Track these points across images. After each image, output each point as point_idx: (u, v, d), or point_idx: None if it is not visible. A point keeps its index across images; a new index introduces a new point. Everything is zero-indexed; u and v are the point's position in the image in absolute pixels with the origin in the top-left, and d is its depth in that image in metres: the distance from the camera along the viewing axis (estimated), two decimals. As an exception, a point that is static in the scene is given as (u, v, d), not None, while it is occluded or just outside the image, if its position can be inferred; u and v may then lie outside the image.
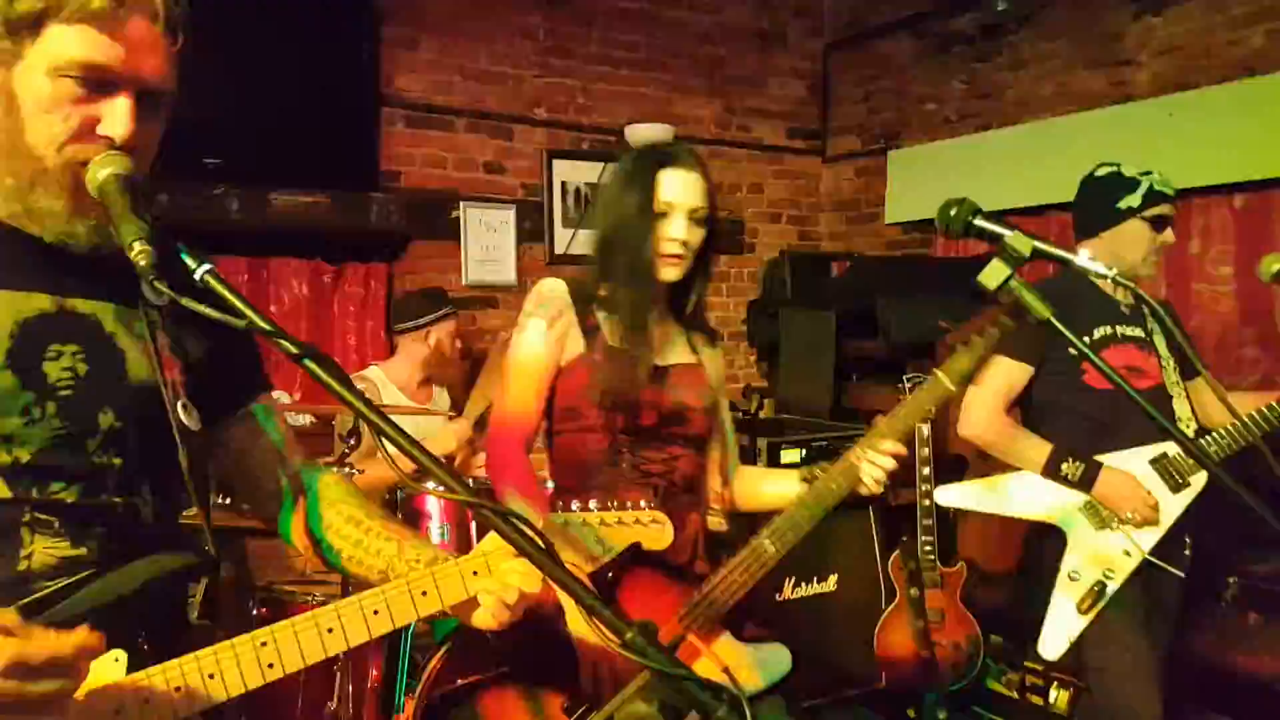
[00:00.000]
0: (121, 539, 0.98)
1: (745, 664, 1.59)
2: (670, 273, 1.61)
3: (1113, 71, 3.70)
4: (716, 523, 1.76)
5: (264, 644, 0.94)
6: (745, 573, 1.55)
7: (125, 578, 0.95)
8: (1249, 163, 3.18)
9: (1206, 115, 3.30)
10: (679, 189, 1.59)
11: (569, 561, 1.10)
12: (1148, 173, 2.14)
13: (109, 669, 0.89)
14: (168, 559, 0.99)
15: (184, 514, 1.07)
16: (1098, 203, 2.17)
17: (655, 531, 1.17)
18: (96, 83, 0.94)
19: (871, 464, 1.56)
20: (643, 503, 1.20)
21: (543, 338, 1.61)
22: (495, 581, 1.03)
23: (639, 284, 1.59)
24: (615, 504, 1.19)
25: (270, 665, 0.93)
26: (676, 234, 1.58)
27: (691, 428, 1.67)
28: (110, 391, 0.99)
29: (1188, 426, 2.13)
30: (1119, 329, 2.14)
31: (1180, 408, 2.14)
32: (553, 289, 1.64)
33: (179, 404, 1.02)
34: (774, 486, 1.76)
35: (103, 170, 0.92)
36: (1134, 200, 2.11)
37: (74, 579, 0.94)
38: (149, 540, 1.00)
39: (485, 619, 1.04)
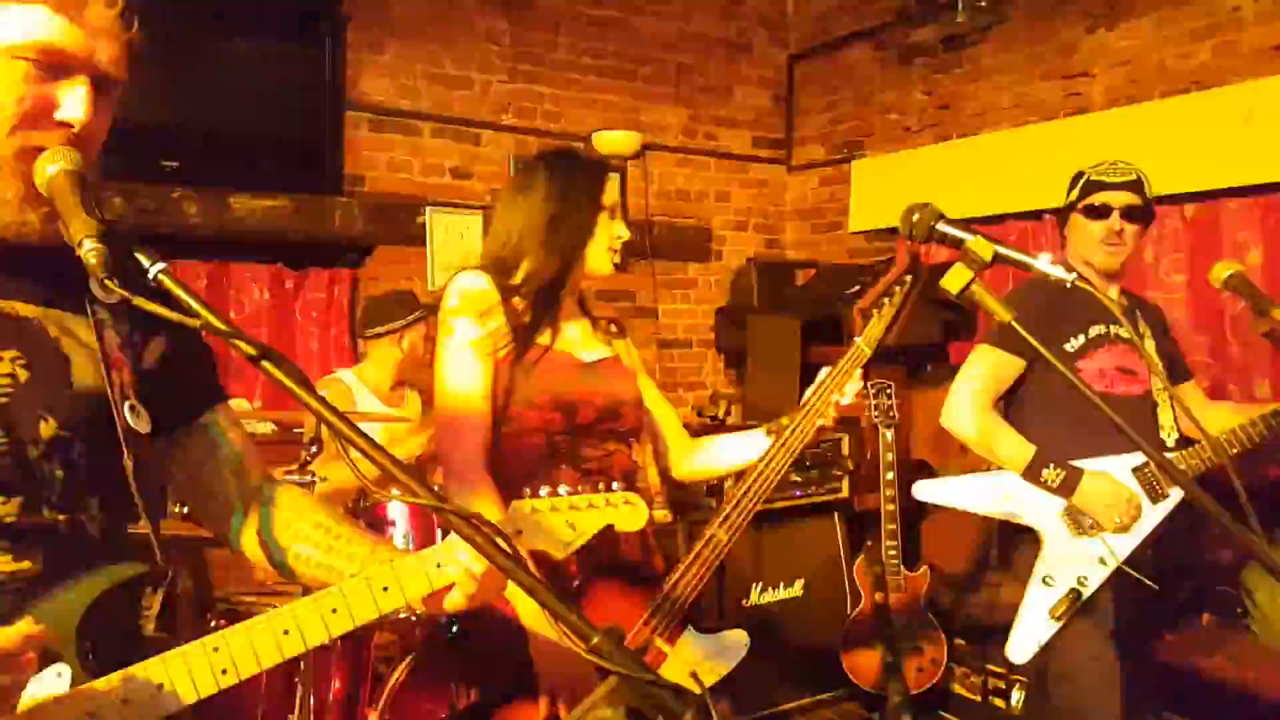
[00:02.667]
0: (67, 553, 0.94)
1: (709, 656, 1.60)
2: (610, 267, 1.71)
3: (1068, 84, 3.79)
4: (662, 515, 1.78)
5: (216, 649, 0.90)
6: (702, 565, 1.57)
7: (71, 589, 0.92)
8: (1199, 173, 3.27)
9: (1158, 127, 3.38)
10: (616, 192, 1.71)
11: (541, 549, 1.09)
12: (1100, 164, 2.17)
13: (52, 683, 0.86)
14: (117, 569, 0.95)
15: (133, 526, 1.04)
16: (1063, 206, 2.23)
17: (628, 512, 1.15)
18: (53, 66, 0.92)
19: (830, 404, 1.64)
20: (615, 485, 1.17)
21: (479, 337, 1.58)
22: (460, 574, 1.00)
23: (570, 271, 1.66)
24: (585, 488, 1.17)
25: (224, 671, 0.90)
26: (622, 233, 1.71)
27: (625, 422, 1.69)
28: (52, 399, 0.95)
29: (1170, 435, 2.12)
30: (1113, 329, 2.12)
31: (1164, 416, 2.13)
32: (477, 285, 1.61)
33: (126, 405, 0.98)
34: (733, 449, 1.79)
35: (52, 165, 0.90)
36: (1072, 195, 2.18)
37: (17, 591, 0.91)
38: (96, 553, 0.96)
39: (456, 600, 1.02)
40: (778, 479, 1.62)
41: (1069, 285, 1.14)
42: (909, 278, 1.65)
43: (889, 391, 3.00)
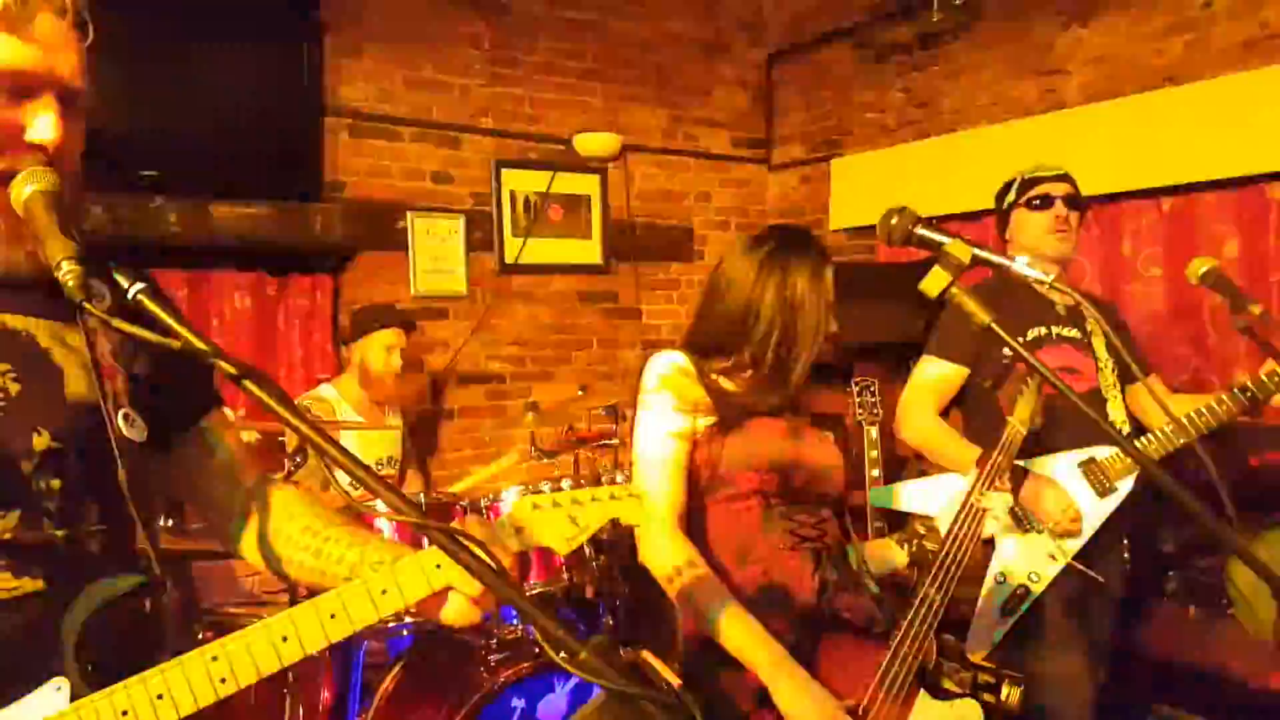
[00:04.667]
0: (66, 568, 0.94)
1: None
2: (825, 356, 1.68)
3: (1044, 80, 3.82)
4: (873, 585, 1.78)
5: (215, 659, 0.90)
6: (922, 623, 1.56)
7: (71, 603, 0.92)
8: (1174, 167, 3.31)
9: (1133, 122, 3.42)
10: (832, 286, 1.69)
11: (545, 545, 1.09)
12: (1029, 167, 2.33)
13: (51, 698, 0.86)
14: (115, 582, 0.95)
15: (132, 539, 1.04)
16: (997, 213, 2.39)
17: (631, 505, 1.13)
18: (14, 89, 0.91)
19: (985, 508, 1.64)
20: (619, 477, 1.17)
21: (673, 417, 1.59)
22: (458, 575, 0.99)
23: (810, 358, 1.65)
24: (587, 482, 1.17)
25: (223, 680, 0.90)
26: (834, 329, 1.69)
27: (833, 486, 1.68)
28: (45, 411, 0.95)
29: (1123, 428, 2.16)
30: (1054, 329, 2.19)
31: (1115, 411, 2.18)
32: (672, 363, 1.64)
33: (120, 414, 0.97)
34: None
35: (26, 188, 0.88)
36: (1010, 195, 2.33)
37: (17, 608, 0.90)
38: (96, 566, 0.96)
39: (453, 615, 1.02)
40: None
41: (1048, 285, 1.16)
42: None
43: (872, 389, 3.01)
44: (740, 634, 1.48)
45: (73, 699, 0.87)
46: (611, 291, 4.55)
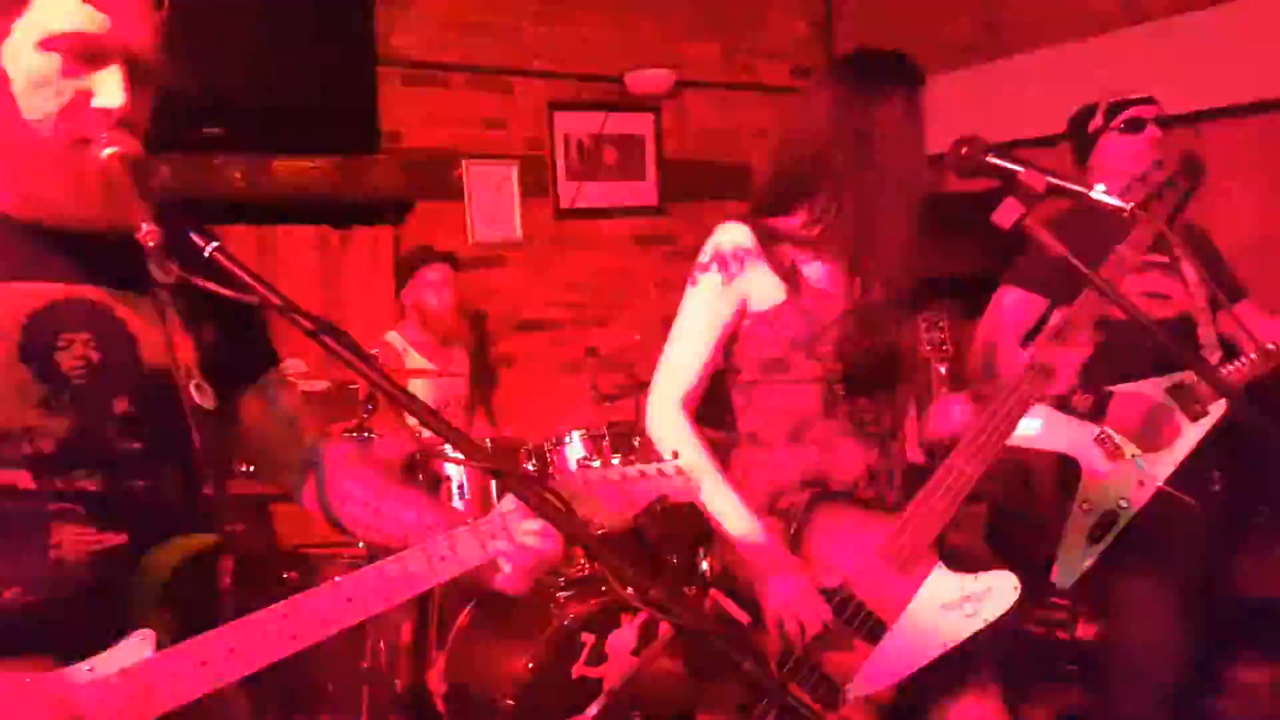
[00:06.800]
0: (149, 522, 0.99)
1: (964, 598, 1.48)
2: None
3: (1126, -9, 3.60)
4: (914, 454, 1.71)
5: (286, 615, 0.95)
6: (946, 495, 1.47)
7: (154, 560, 0.96)
8: (1271, 81, 3.09)
9: (1223, 32, 3.20)
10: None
11: (595, 519, 1.10)
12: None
13: (136, 649, 0.91)
14: (195, 539, 1.00)
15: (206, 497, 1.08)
16: (1076, 138, 2.34)
17: (681, 484, 1.14)
18: (86, 55, 0.93)
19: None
20: (668, 456, 1.18)
21: (719, 296, 1.55)
22: (512, 544, 1.03)
23: (910, 215, 1.50)
24: (637, 458, 1.18)
25: (293, 636, 0.95)
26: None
27: (902, 371, 1.62)
28: (124, 378, 0.99)
29: (1212, 354, 2.10)
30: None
31: (1206, 335, 2.13)
32: (734, 239, 1.56)
33: (192, 384, 1.02)
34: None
35: (106, 150, 0.91)
36: (1098, 120, 2.27)
37: (104, 564, 0.95)
38: (177, 521, 1.01)
39: (507, 583, 1.05)
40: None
41: (1125, 215, 1.10)
42: (1182, 180, 1.48)
43: (941, 325, 2.93)
44: (722, 506, 1.48)
45: (158, 649, 0.92)
46: (668, 234, 4.50)
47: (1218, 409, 2.07)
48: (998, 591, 1.49)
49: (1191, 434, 2.08)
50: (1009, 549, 3.18)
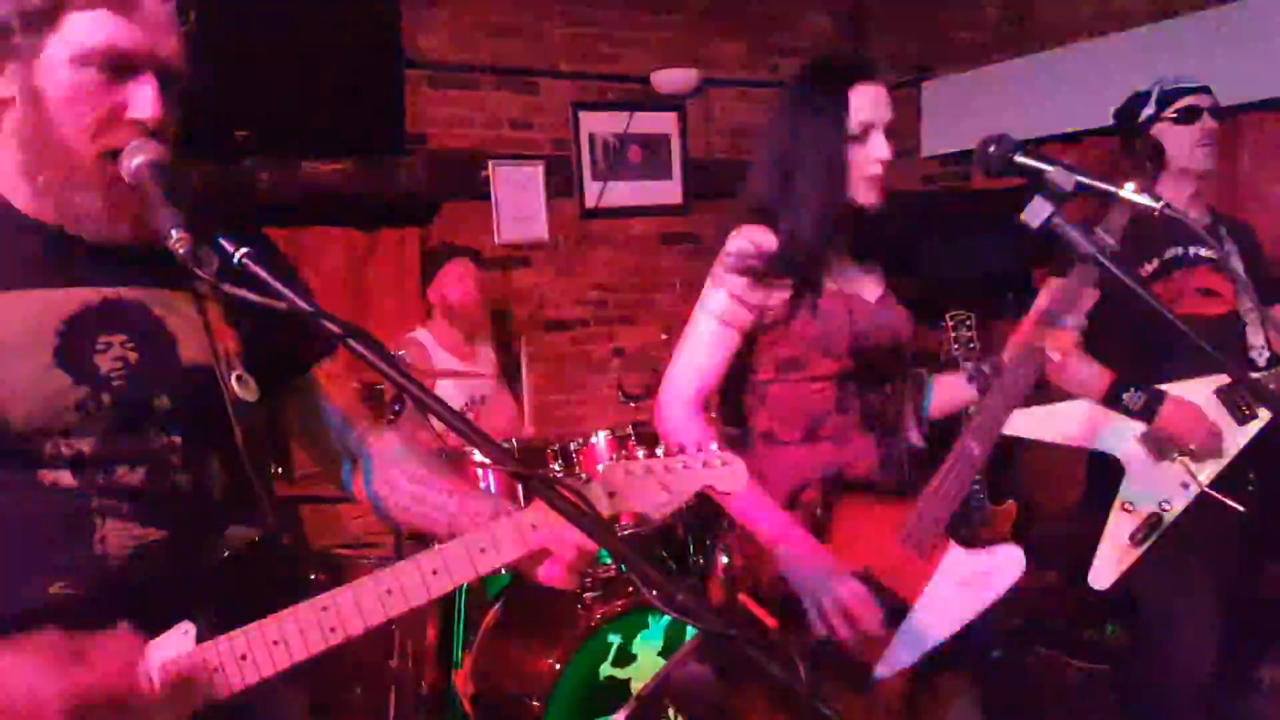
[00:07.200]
0: (191, 515, 1.01)
1: (978, 573, 1.54)
2: (873, 195, 1.57)
3: (1156, -15, 3.54)
4: (916, 438, 1.73)
5: (325, 609, 0.96)
6: (957, 479, 1.51)
7: (196, 553, 0.99)
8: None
9: (1252, 28, 3.13)
10: (873, 105, 1.54)
11: (637, 511, 1.10)
12: (1162, 79, 2.18)
13: (179, 641, 0.93)
14: (236, 532, 1.02)
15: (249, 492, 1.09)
16: (1125, 127, 2.23)
17: (726, 473, 1.13)
18: (119, 68, 0.95)
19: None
20: (712, 445, 1.16)
21: (738, 296, 1.56)
22: (553, 537, 1.02)
23: (831, 217, 1.54)
24: (679, 448, 1.15)
25: (332, 629, 0.96)
26: (880, 154, 1.54)
27: (904, 362, 1.66)
28: (163, 377, 1.01)
29: (1261, 355, 2.06)
30: (1191, 249, 2.09)
31: (1254, 336, 2.08)
32: (756, 240, 1.58)
33: (234, 376, 1.03)
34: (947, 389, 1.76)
35: (135, 159, 0.93)
36: (1150, 108, 2.17)
37: (148, 558, 0.97)
38: (219, 515, 1.03)
39: (549, 575, 1.05)
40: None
41: (1157, 213, 1.08)
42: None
43: (969, 323, 2.91)
44: (754, 505, 1.49)
45: (199, 642, 0.93)
46: (693, 233, 4.49)
47: (1266, 412, 2.00)
48: (1007, 565, 1.55)
49: (1239, 437, 2.02)
50: (1047, 546, 3.15)
